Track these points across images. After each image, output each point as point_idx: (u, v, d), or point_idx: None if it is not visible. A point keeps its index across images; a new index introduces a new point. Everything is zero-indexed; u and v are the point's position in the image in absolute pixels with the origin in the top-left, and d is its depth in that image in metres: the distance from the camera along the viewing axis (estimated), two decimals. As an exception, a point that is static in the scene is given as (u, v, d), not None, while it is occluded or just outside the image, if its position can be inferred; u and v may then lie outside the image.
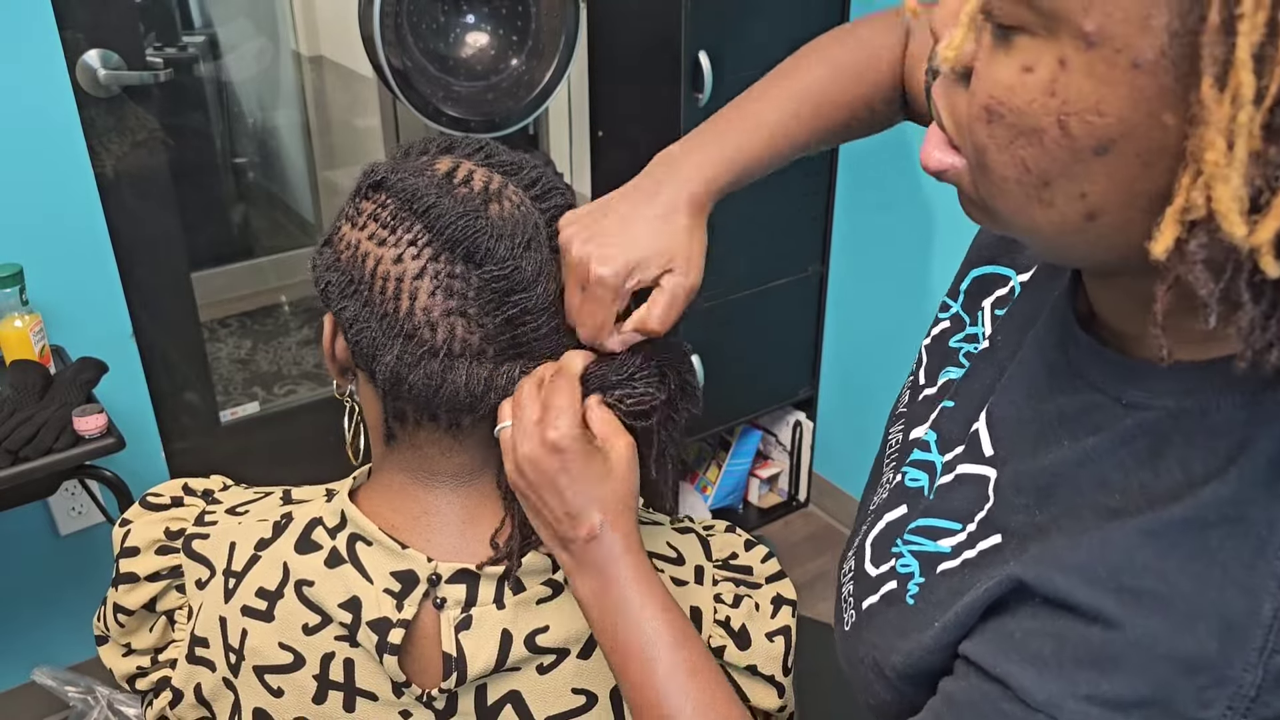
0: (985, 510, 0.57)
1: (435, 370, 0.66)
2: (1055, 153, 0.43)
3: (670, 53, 1.90)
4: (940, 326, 0.70)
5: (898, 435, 0.70)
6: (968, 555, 0.57)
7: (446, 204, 0.65)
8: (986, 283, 0.68)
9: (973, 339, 0.67)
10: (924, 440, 0.64)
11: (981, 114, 0.45)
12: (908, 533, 0.61)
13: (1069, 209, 0.44)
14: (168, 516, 0.79)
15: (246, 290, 3.10)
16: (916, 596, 0.59)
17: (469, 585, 0.71)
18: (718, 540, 0.82)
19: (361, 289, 0.67)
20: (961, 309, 0.69)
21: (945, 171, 0.50)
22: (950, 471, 0.60)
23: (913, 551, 0.60)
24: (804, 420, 2.52)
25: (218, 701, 0.74)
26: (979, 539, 0.57)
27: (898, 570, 0.61)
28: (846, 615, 0.64)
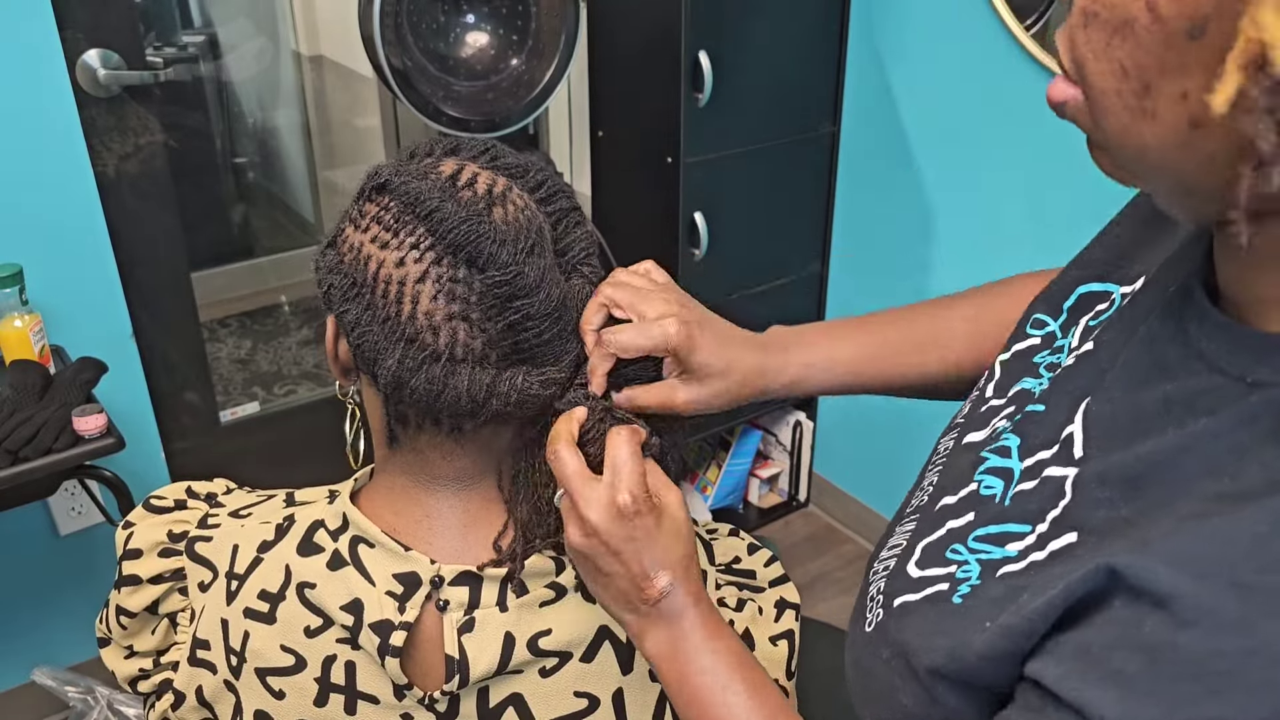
0: (1060, 508, 0.51)
1: (437, 375, 0.66)
2: (1149, 44, 0.40)
3: (670, 53, 1.90)
4: (1027, 342, 0.66)
5: (948, 443, 0.66)
6: (1035, 558, 0.51)
7: (449, 208, 0.65)
8: (1090, 299, 0.64)
9: (1058, 351, 0.63)
10: (1004, 446, 0.59)
11: (1079, 19, 0.44)
12: (973, 539, 0.56)
13: (1172, 116, 0.41)
14: (171, 519, 0.79)
15: (246, 290, 3.10)
16: (966, 596, 0.53)
17: (472, 588, 0.71)
18: (721, 544, 0.81)
19: (364, 292, 0.66)
20: (1059, 327, 0.65)
21: (1065, 104, 0.47)
22: (1033, 477, 0.55)
23: (979, 559, 0.54)
24: (804, 420, 2.52)
25: (219, 704, 0.74)
26: (1050, 539, 0.51)
27: (955, 576, 0.55)
28: (871, 615, 0.59)
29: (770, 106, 2.07)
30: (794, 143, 2.15)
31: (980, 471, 0.59)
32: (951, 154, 2.04)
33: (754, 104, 2.03)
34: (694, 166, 1.99)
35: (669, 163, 1.99)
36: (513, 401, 0.68)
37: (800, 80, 2.12)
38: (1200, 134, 0.40)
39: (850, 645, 0.61)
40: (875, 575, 0.62)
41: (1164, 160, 0.43)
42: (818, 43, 2.11)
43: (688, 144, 1.96)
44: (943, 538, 0.58)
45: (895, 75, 2.09)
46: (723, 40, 1.92)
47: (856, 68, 2.16)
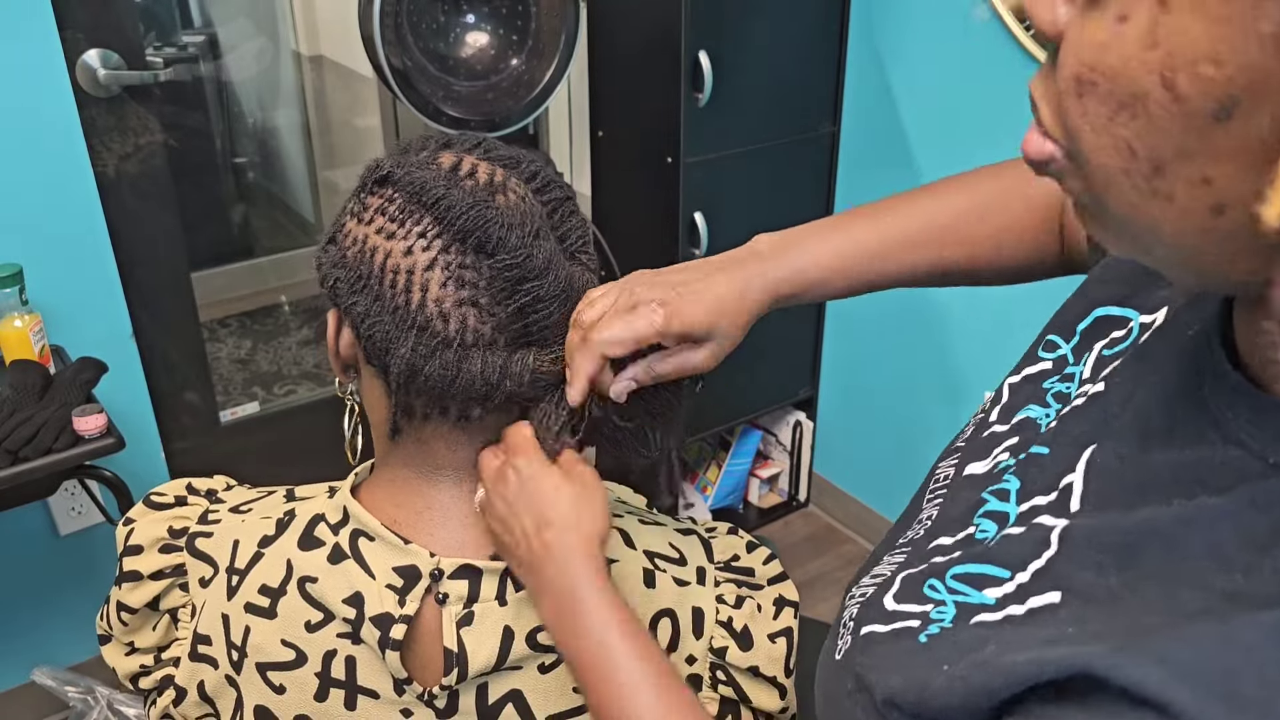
0: (1044, 559, 0.47)
1: (450, 360, 0.67)
2: (1164, 124, 0.34)
3: (670, 53, 1.91)
4: (1038, 366, 0.62)
5: (948, 470, 0.63)
6: (1013, 610, 0.47)
7: (455, 195, 0.66)
8: (1106, 324, 0.60)
9: (1069, 379, 0.59)
10: (1004, 489, 0.56)
11: (1071, 88, 0.37)
12: (951, 577, 0.53)
13: (1191, 201, 0.36)
14: (171, 515, 0.79)
15: (246, 290, 3.10)
16: (933, 638, 0.50)
17: (471, 581, 0.71)
18: (720, 542, 0.82)
19: (371, 283, 0.67)
20: (1071, 351, 0.61)
21: (1049, 162, 0.41)
22: (1024, 523, 0.51)
23: (956, 601, 0.51)
24: (804, 420, 2.52)
25: (220, 699, 0.74)
26: (1031, 593, 0.47)
27: (930, 615, 0.52)
28: (840, 643, 0.57)
29: (770, 106, 2.07)
30: (794, 143, 2.16)
31: (979, 515, 0.56)
32: (951, 154, 2.04)
33: (754, 104, 2.03)
34: (694, 166, 1.99)
35: (669, 163, 1.99)
36: (526, 381, 0.69)
37: (800, 80, 2.12)
38: (1225, 220, 0.35)
39: (819, 670, 0.59)
40: (851, 600, 0.60)
41: (1179, 241, 0.38)
42: (818, 43, 2.12)
43: (688, 144, 1.96)
44: (923, 571, 0.55)
45: (895, 75, 2.09)
46: (723, 40, 1.92)
47: (856, 68, 2.16)
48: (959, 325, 2.13)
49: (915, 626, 0.52)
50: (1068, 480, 0.51)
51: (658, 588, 0.75)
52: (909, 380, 2.28)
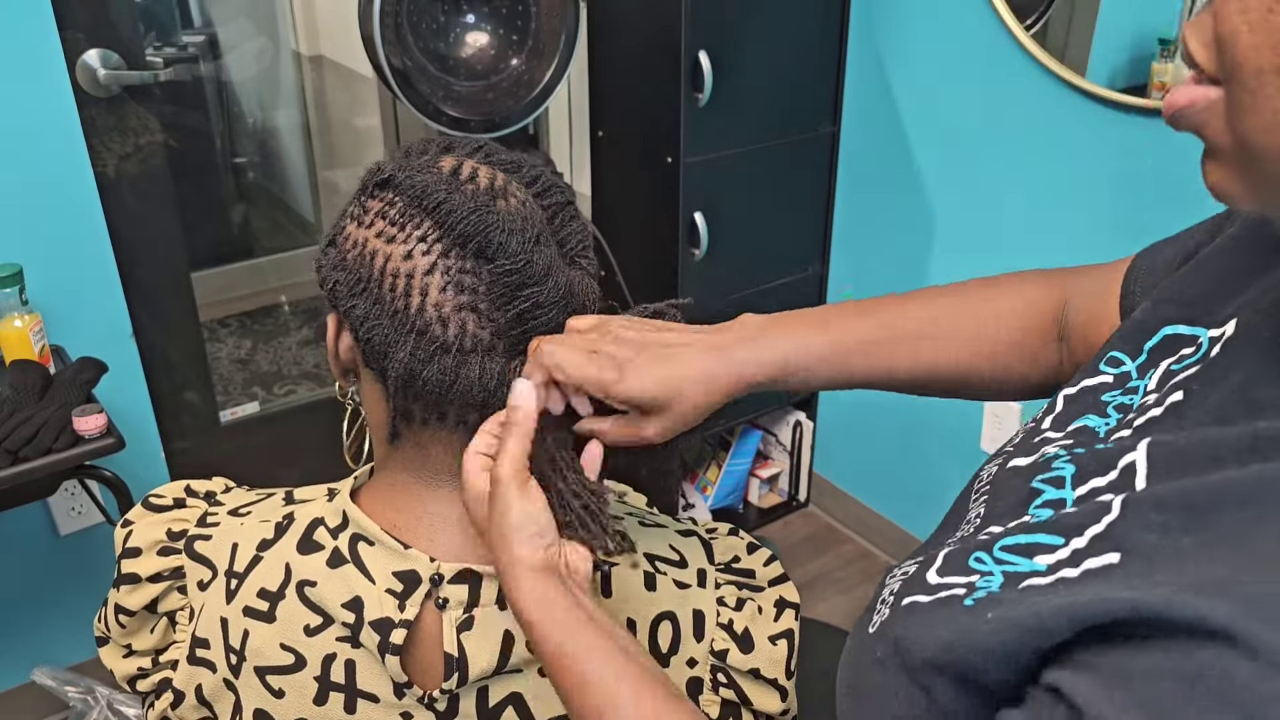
0: (1104, 524, 0.46)
1: (449, 365, 0.67)
2: None
3: (670, 53, 1.90)
4: (1099, 379, 0.60)
5: (992, 469, 0.61)
6: (1066, 574, 0.45)
7: (456, 200, 0.65)
8: (1175, 342, 0.58)
9: (1131, 392, 0.58)
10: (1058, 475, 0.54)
11: None
12: (999, 548, 0.51)
13: None
14: (170, 518, 0.79)
15: (246, 290, 3.10)
16: (979, 600, 0.48)
17: (471, 586, 0.71)
18: (720, 543, 0.81)
19: (371, 287, 0.67)
20: (1136, 368, 0.59)
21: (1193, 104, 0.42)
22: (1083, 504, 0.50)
23: (1004, 570, 0.50)
24: (804, 420, 2.52)
25: (219, 702, 0.74)
26: (1087, 556, 0.45)
27: (975, 584, 0.50)
28: (877, 615, 0.55)
29: (770, 106, 2.07)
30: (794, 143, 2.15)
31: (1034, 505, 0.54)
32: (951, 154, 2.04)
33: (754, 104, 2.03)
34: (694, 166, 1.99)
35: (669, 163, 1.99)
36: None
37: (800, 80, 2.12)
38: None
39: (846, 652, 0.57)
40: (890, 579, 0.58)
41: None
42: (818, 43, 2.11)
43: (688, 144, 1.96)
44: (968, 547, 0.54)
45: (895, 75, 2.09)
46: (723, 40, 1.92)
47: (856, 68, 2.16)
48: (959, 325, 2.13)
49: (961, 594, 0.50)
50: (1128, 460, 0.49)
51: (658, 590, 0.75)
52: (909, 380, 2.28)
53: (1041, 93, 1.82)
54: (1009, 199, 1.95)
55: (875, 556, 2.46)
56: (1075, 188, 1.81)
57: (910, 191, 2.13)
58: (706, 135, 1.98)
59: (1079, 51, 1.79)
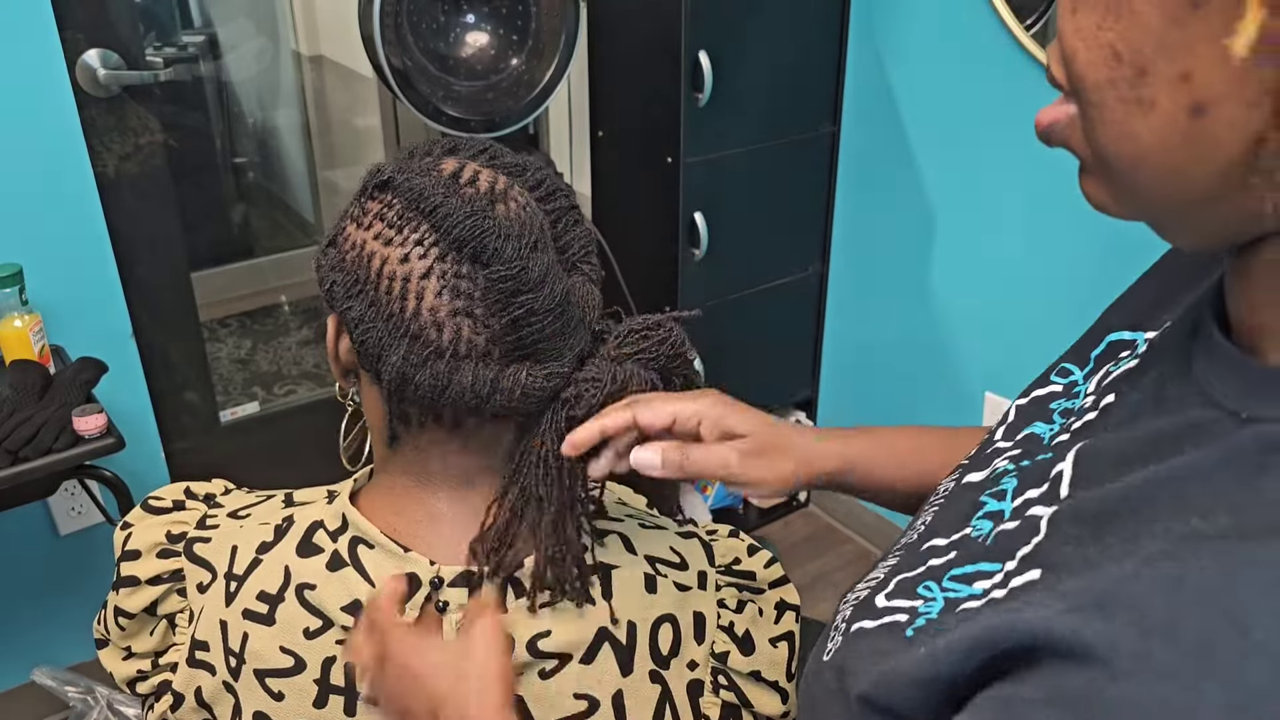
0: (1031, 545, 0.47)
1: (441, 371, 0.66)
2: (1146, 19, 0.37)
3: (670, 53, 1.90)
4: (1048, 389, 0.62)
5: (948, 484, 0.63)
6: (995, 595, 0.46)
7: (453, 204, 0.65)
8: (1117, 347, 0.60)
9: (1074, 397, 0.59)
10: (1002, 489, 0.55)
11: (1069, 7, 0.40)
12: (948, 579, 0.52)
13: (1172, 103, 0.38)
14: (169, 520, 0.79)
15: (246, 290, 3.10)
16: (919, 629, 0.49)
17: (471, 589, 0.71)
18: (721, 545, 0.81)
19: (367, 289, 0.67)
20: (1083, 376, 0.61)
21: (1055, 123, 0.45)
22: (1018, 517, 0.51)
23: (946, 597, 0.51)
24: (804, 420, 2.52)
25: (218, 705, 0.74)
26: (1015, 575, 0.46)
27: (918, 610, 0.51)
28: (831, 643, 0.56)
29: (770, 106, 2.07)
30: (794, 143, 2.15)
31: (977, 517, 0.55)
32: (951, 154, 2.04)
33: (754, 104, 2.03)
34: (694, 166, 1.99)
35: (669, 163, 1.99)
36: (516, 397, 0.68)
37: (800, 80, 2.12)
38: (1203, 122, 0.37)
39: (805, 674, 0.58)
40: (844, 604, 0.59)
41: (1165, 163, 0.40)
42: (818, 43, 2.11)
43: (688, 144, 1.96)
44: (920, 574, 0.55)
45: (895, 75, 2.09)
46: (723, 40, 1.91)
47: (856, 68, 2.16)
48: (959, 325, 2.13)
49: (903, 621, 0.51)
50: (1058, 469, 0.51)
51: (659, 592, 0.75)
52: (909, 380, 2.28)
53: (1041, 93, 1.81)
54: (1009, 199, 1.95)
55: (875, 556, 2.45)
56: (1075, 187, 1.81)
57: (910, 191, 2.13)
58: (706, 135, 1.98)
59: (1079, 52, 1.79)
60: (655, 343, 0.71)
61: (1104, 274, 1.85)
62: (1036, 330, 1.93)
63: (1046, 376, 0.63)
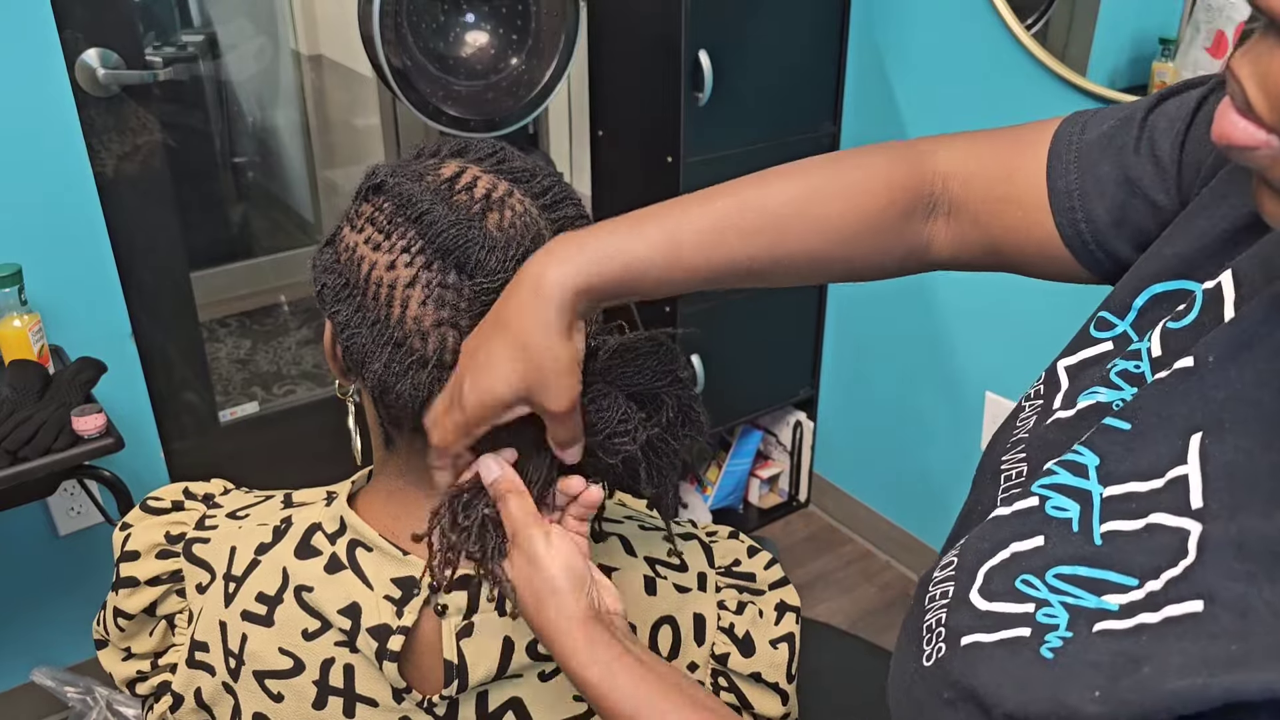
0: (1181, 568, 0.44)
1: (423, 381, 0.65)
2: None
3: (670, 53, 1.90)
4: (1097, 349, 0.58)
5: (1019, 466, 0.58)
6: (1146, 619, 0.44)
7: (440, 211, 0.64)
8: (1166, 300, 0.56)
9: (1134, 356, 0.55)
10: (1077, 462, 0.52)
11: None
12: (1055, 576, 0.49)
13: None
14: (168, 521, 0.79)
15: (246, 290, 3.10)
16: (1059, 652, 0.46)
17: (470, 592, 0.71)
18: (720, 547, 0.81)
19: (355, 293, 0.66)
20: (1131, 327, 0.57)
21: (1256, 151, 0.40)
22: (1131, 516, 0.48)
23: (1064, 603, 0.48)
24: (804, 420, 2.52)
25: (218, 706, 0.74)
26: (1166, 602, 0.43)
27: (1037, 619, 0.48)
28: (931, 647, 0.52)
29: (770, 106, 2.07)
30: (794, 143, 2.15)
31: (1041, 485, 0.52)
32: (952, 154, 2.03)
33: (754, 104, 2.03)
34: (694, 166, 1.99)
35: (669, 163, 1.99)
36: None
37: (800, 80, 2.12)
38: None
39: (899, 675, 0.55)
40: (932, 602, 0.55)
41: None
42: (818, 42, 2.11)
43: (688, 144, 1.96)
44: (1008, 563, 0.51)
45: (895, 75, 2.09)
46: (723, 40, 1.91)
47: (856, 68, 2.16)
48: (959, 325, 2.13)
49: (1028, 637, 0.48)
50: (1179, 472, 0.47)
51: (658, 594, 0.75)
52: (909, 380, 2.28)
53: (1042, 93, 1.81)
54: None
55: (875, 556, 2.46)
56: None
57: (910, 191, 2.12)
58: (706, 135, 1.98)
59: (1079, 51, 1.79)
60: (644, 355, 0.67)
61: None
62: (1036, 330, 1.93)
63: (1087, 331, 0.59)
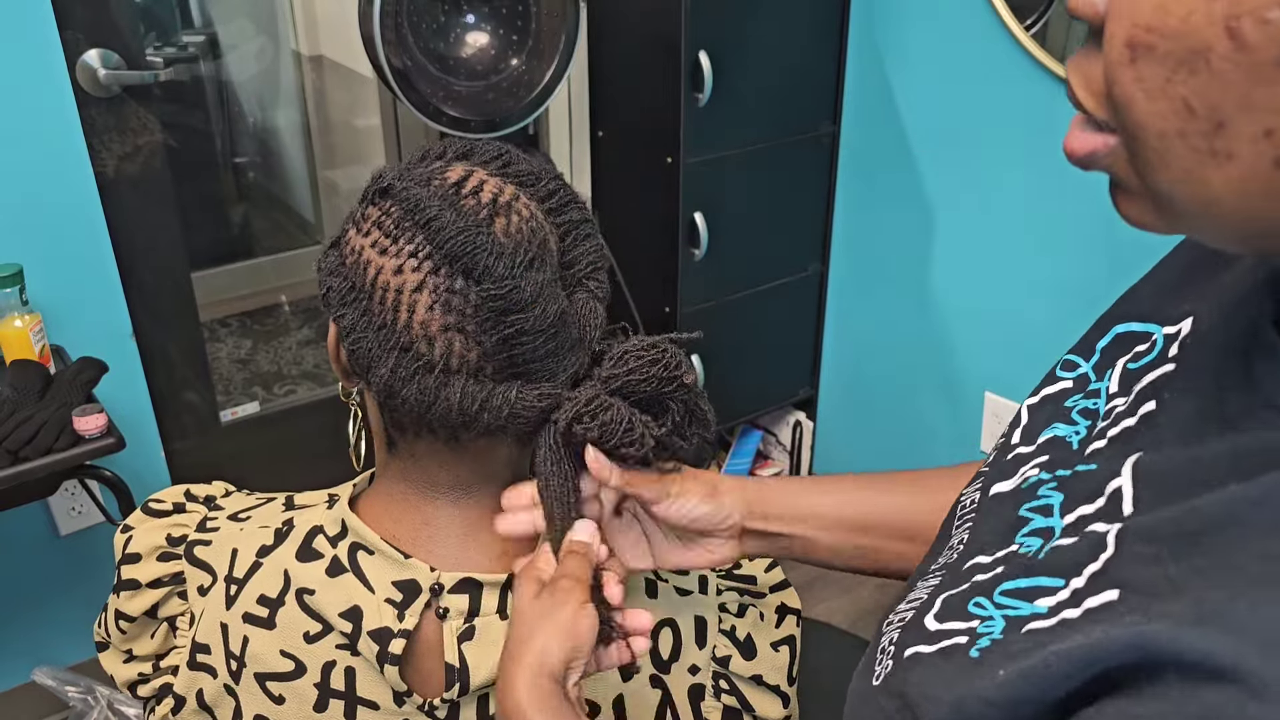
0: (1101, 562, 0.45)
1: (430, 386, 0.65)
2: (1227, 77, 0.34)
3: (670, 53, 1.90)
4: (1058, 386, 0.60)
5: (973, 495, 0.61)
6: (1068, 615, 0.44)
7: (448, 216, 0.64)
8: (1128, 340, 0.58)
9: (1093, 395, 0.57)
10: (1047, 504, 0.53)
11: (1124, 55, 0.37)
12: (999, 593, 0.50)
13: (1253, 156, 0.35)
14: (169, 523, 0.79)
15: (246, 290, 3.10)
16: (985, 650, 0.47)
17: (472, 595, 0.71)
18: (721, 550, 0.81)
19: (361, 297, 0.66)
20: (1093, 369, 0.59)
21: (1095, 154, 0.41)
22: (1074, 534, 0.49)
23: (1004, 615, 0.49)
24: (804, 420, 2.52)
25: (219, 708, 0.74)
26: (1087, 595, 0.44)
27: (977, 630, 0.49)
28: (880, 667, 0.54)
29: (770, 106, 2.07)
30: (794, 143, 2.15)
31: (1022, 534, 0.53)
32: (951, 154, 2.04)
33: (754, 104, 2.03)
34: (694, 166, 1.99)
35: (669, 163, 1.99)
36: (504, 416, 0.66)
37: (800, 80, 2.12)
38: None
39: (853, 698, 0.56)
40: (888, 628, 0.57)
41: (1240, 208, 0.37)
42: (818, 43, 2.11)
43: (688, 144, 1.96)
44: (965, 591, 0.53)
45: (895, 75, 2.09)
46: (723, 40, 1.91)
47: (856, 68, 2.16)
48: (959, 325, 2.13)
49: (964, 643, 0.49)
50: (1114, 485, 0.49)
51: (659, 597, 0.75)
52: (909, 380, 2.28)
53: (1042, 93, 1.81)
54: (1009, 199, 1.95)
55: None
56: (1075, 187, 1.81)
57: (910, 191, 2.13)
58: (706, 135, 1.98)
59: (1080, 52, 1.79)
60: (648, 363, 0.68)
61: (1104, 273, 1.85)
62: (1036, 330, 1.93)
63: (1053, 373, 0.61)
